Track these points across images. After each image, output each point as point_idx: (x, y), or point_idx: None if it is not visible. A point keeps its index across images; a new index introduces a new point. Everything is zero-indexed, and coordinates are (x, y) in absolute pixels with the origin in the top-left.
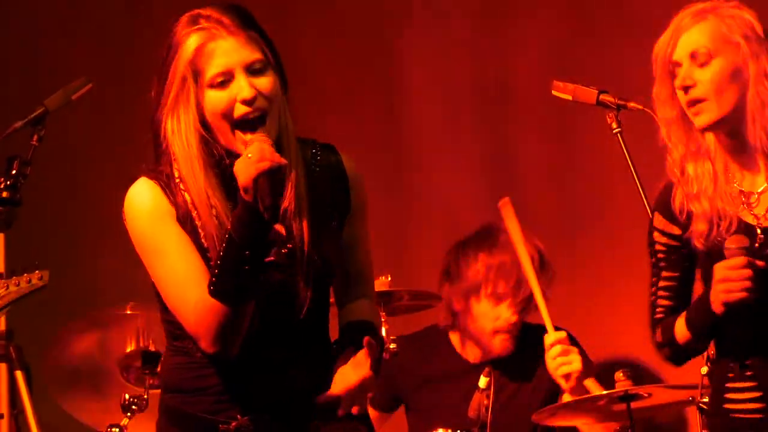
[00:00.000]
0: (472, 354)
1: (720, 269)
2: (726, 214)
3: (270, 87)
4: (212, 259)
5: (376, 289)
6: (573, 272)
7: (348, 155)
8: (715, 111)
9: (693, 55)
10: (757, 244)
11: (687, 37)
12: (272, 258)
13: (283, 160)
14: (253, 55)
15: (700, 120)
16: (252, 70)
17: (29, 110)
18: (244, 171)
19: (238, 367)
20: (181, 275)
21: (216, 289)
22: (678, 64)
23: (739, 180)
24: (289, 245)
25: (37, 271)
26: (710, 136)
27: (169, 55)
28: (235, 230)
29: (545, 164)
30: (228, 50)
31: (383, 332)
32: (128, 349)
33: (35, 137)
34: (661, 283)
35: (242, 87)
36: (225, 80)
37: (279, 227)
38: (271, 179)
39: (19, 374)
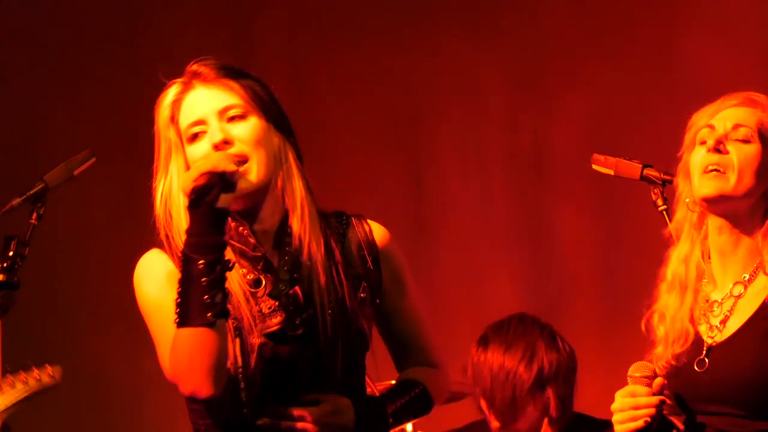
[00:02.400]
0: None
1: (618, 398)
2: (683, 329)
3: (250, 132)
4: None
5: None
6: (616, 356)
7: (381, 226)
8: (731, 186)
9: (735, 128)
10: (695, 364)
11: (733, 112)
12: (296, 332)
13: (233, 168)
14: (227, 101)
15: (711, 186)
16: (228, 117)
17: (28, 186)
18: (185, 180)
19: None
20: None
21: (181, 313)
22: (713, 128)
23: (710, 290)
24: (309, 311)
25: (48, 366)
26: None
27: (154, 116)
28: (188, 245)
29: (584, 241)
30: (200, 99)
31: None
32: None
33: (34, 215)
34: None
35: (213, 133)
36: (200, 131)
37: (297, 291)
38: (212, 180)
39: None
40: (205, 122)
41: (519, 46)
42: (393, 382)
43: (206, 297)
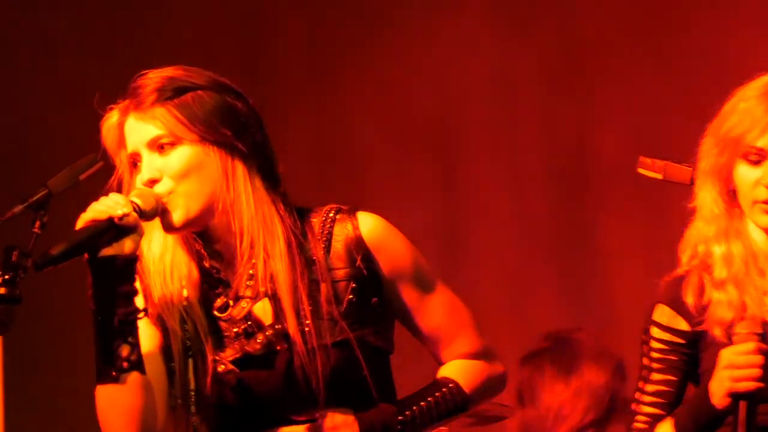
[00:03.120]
0: None
1: (726, 354)
2: (749, 310)
3: (176, 163)
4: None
5: None
6: None
7: (371, 216)
8: None
9: None
10: None
11: None
12: (261, 352)
13: (120, 212)
14: (154, 131)
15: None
16: (158, 146)
17: (30, 192)
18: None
19: None
20: None
21: (96, 369)
22: (764, 155)
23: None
24: (277, 326)
25: None
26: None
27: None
28: (89, 298)
29: (630, 250)
30: (132, 130)
31: None
32: None
33: (37, 224)
34: (650, 387)
35: (142, 169)
36: (137, 161)
37: (255, 307)
38: (90, 230)
39: None
40: (138, 154)
41: (557, 39)
42: None
43: (109, 351)
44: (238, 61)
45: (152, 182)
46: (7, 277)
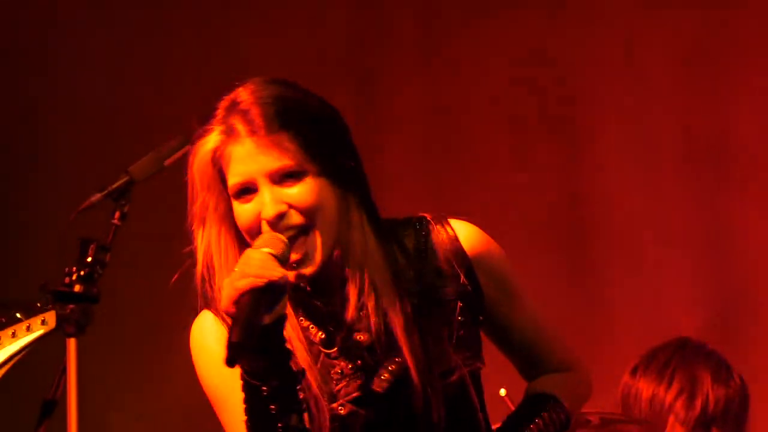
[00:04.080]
0: None
1: None
2: None
3: (307, 197)
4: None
5: None
6: None
7: (468, 225)
8: None
9: None
10: None
11: None
12: (383, 389)
13: (278, 274)
14: (277, 162)
15: None
16: (281, 179)
17: (109, 178)
18: (225, 289)
19: None
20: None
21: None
22: None
23: None
24: (397, 360)
25: (39, 314)
26: None
27: (192, 149)
28: (244, 370)
29: None
30: (247, 157)
31: None
32: None
33: (117, 214)
34: None
35: (263, 203)
36: (248, 191)
37: (361, 338)
38: (251, 301)
39: None
40: (254, 183)
41: (691, 14)
42: None
43: (279, 426)
44: (348, 40)
45: (279, 216)
46: (83, 273)
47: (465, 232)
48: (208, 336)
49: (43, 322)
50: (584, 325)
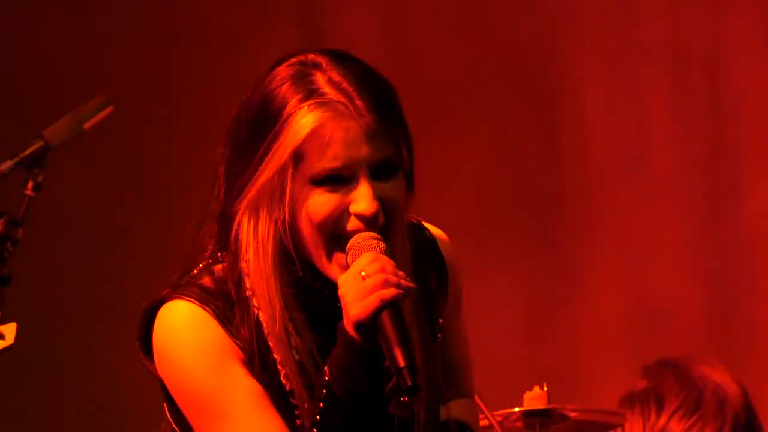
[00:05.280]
0: None
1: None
2: None
3: (396, 197)
4: (299, 416)
5: (526, 406)
6: None
7: (440, 231)
8: None
9: None
10: None
11: None
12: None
13: (412, 284)
14: (384, 150)
15: None
16: (378, 172)
17: (23, 145)
18: (357, 297)
19: None
20: None
21: None
22: None
23: None
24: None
25: None
26: None
27: (267, 124)
28: (337, 382)
29: None
30: (352, 140)
31: None
32: None
33: (30, 184)
34: None
35: (363, 197)
36: (341, 179)
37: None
38: (397, 314)
39: None
40: (353, 172)
41: None
42: (516, 409)
43: None
44: None
45: (376, 215)
46: None
47: (442, 239)
48: (201, 330)
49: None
50: (559, 292)
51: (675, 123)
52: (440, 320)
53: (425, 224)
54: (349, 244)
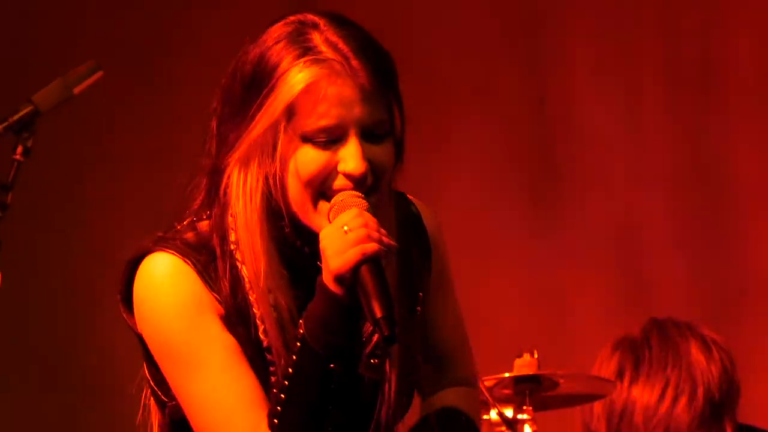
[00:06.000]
0: None
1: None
2: None
3: (385, 161)
4: (274, 373)
5: (516, 372)
6: None
7: (425, 206)
8: None
9: None
10: None
11: None
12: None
13: (392, 241)
14: (376, 113)
15: None
16: (369, 134)
17: (12, 108)
18: (338, 250)
19: None
20: (227, 398)
21: (282, 424)
22: None
23: None
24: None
25: None
26: None
27: (261, 80)
28: (313, 336)
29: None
30: (346, 99)
31: None
32: None
33: (19, 149)
34: None
35: (351, 156)
36: (331, 139)
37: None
38: (377, 269)
39: None
40: (344, 131)
41: None
42: (506, 375)
43: (326, 411)
44: None
45: (364, 176)
46: None
47: (427, 214)
48: (181, 282)
49: None
50: (550, 257)
51: (666, 86)
52: (420, 294)
53: (410, 197)
54: (332, 201)
